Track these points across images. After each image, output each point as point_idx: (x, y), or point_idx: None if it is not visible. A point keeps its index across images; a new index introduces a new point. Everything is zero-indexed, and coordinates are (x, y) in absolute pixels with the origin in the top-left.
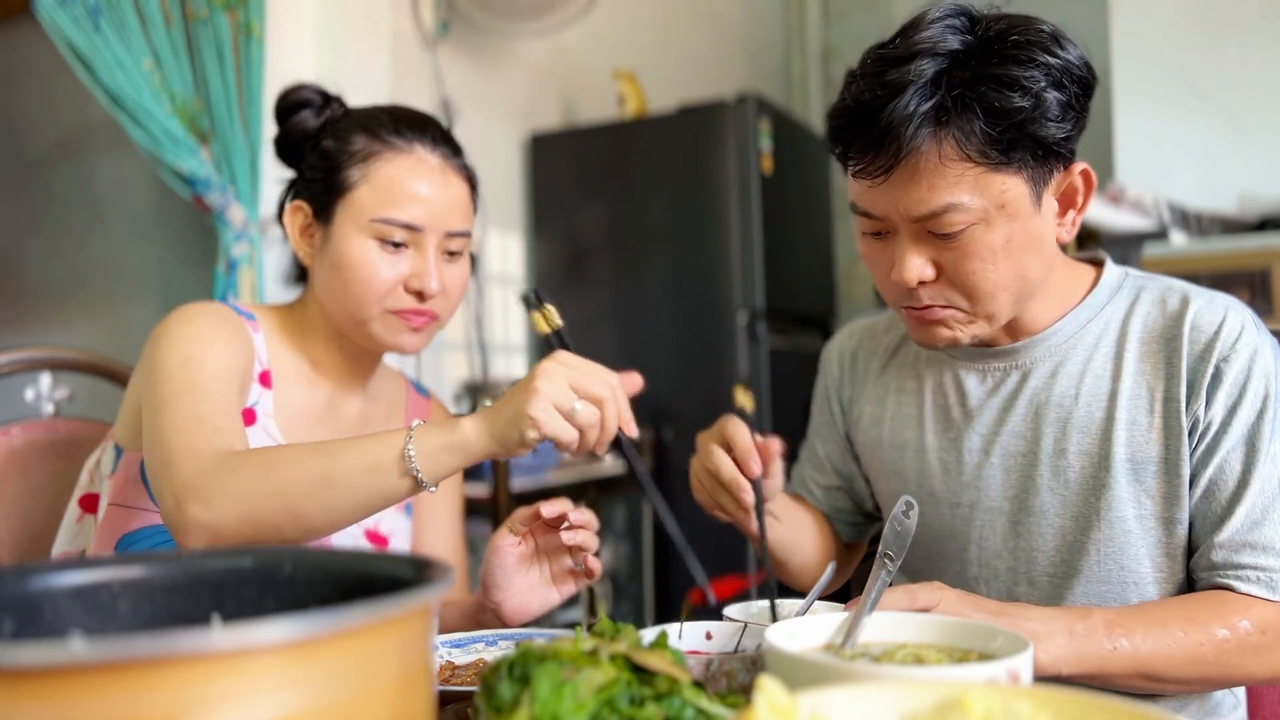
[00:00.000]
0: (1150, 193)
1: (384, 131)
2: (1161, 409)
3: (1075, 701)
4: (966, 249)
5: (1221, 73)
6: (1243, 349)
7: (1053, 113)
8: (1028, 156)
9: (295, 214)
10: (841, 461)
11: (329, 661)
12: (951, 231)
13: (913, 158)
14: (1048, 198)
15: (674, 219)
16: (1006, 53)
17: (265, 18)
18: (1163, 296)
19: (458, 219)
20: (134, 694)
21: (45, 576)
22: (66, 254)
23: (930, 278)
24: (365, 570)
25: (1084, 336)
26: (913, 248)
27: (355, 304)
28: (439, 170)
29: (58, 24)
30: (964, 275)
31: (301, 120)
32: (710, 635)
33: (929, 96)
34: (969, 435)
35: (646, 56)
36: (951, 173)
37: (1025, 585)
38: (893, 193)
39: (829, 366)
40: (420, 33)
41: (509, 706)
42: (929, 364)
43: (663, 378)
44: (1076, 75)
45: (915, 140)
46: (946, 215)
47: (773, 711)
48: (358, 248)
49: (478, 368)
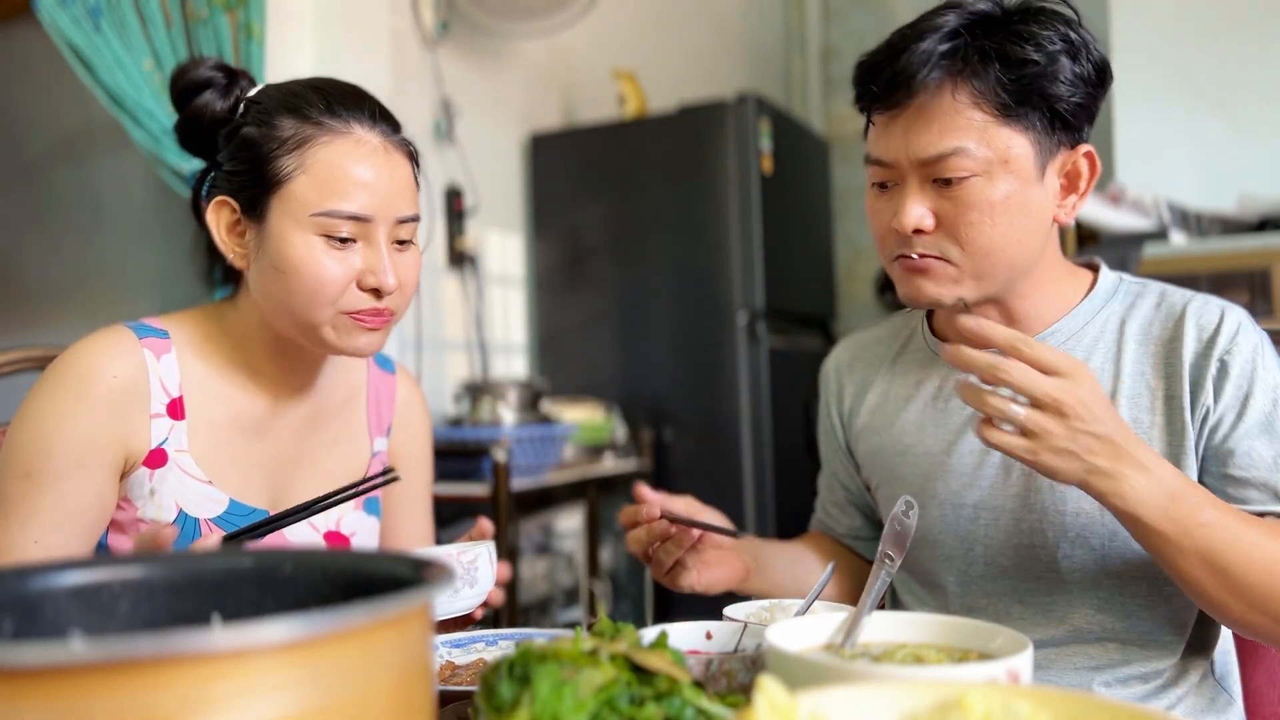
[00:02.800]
0: (1150, 193)
1: (314, 112)
2: (1163, 407)
3: (1075, 701)
4: (967, 199)
5: (1221, 73)
6: (1243, 343)
7: (1065, 76)
8: (1036, 118)
9: (219, 211)
10: (847, 476)
11: (329, 661)
12: (955, 177)
13: (926, 97)
14: (1051, 172)
15: (674, 219)
16: (1029, 14)
17: (265, 18)
18: (1157, 302)
19: (406, 203)
20: (134, 694)
21: (45, 576)
22: (67, 254)
23: (929, 227)
24: (365, 570)
25: (1082, 338)
26: (916, 194)
27: (304, 308)
28: (382, 150)
29: (58, 24)
30: (961, 226)
31: (206, 103)
32: (710, 635)
33: (949, 40)
34: (969, 437)
35: (646, 56)
36: (962, 118)
37: (1031, 582)
38: (904, 134)
39: (827, 383)
40: (420, 33)
41: (509, 706)
42: (928, 368)
43: (663, 378)
44: (1093, 58)
45: (930, 79)
46: (953, 159)
47: (773, 711)
48: (300, 246)
49: (478, 368)
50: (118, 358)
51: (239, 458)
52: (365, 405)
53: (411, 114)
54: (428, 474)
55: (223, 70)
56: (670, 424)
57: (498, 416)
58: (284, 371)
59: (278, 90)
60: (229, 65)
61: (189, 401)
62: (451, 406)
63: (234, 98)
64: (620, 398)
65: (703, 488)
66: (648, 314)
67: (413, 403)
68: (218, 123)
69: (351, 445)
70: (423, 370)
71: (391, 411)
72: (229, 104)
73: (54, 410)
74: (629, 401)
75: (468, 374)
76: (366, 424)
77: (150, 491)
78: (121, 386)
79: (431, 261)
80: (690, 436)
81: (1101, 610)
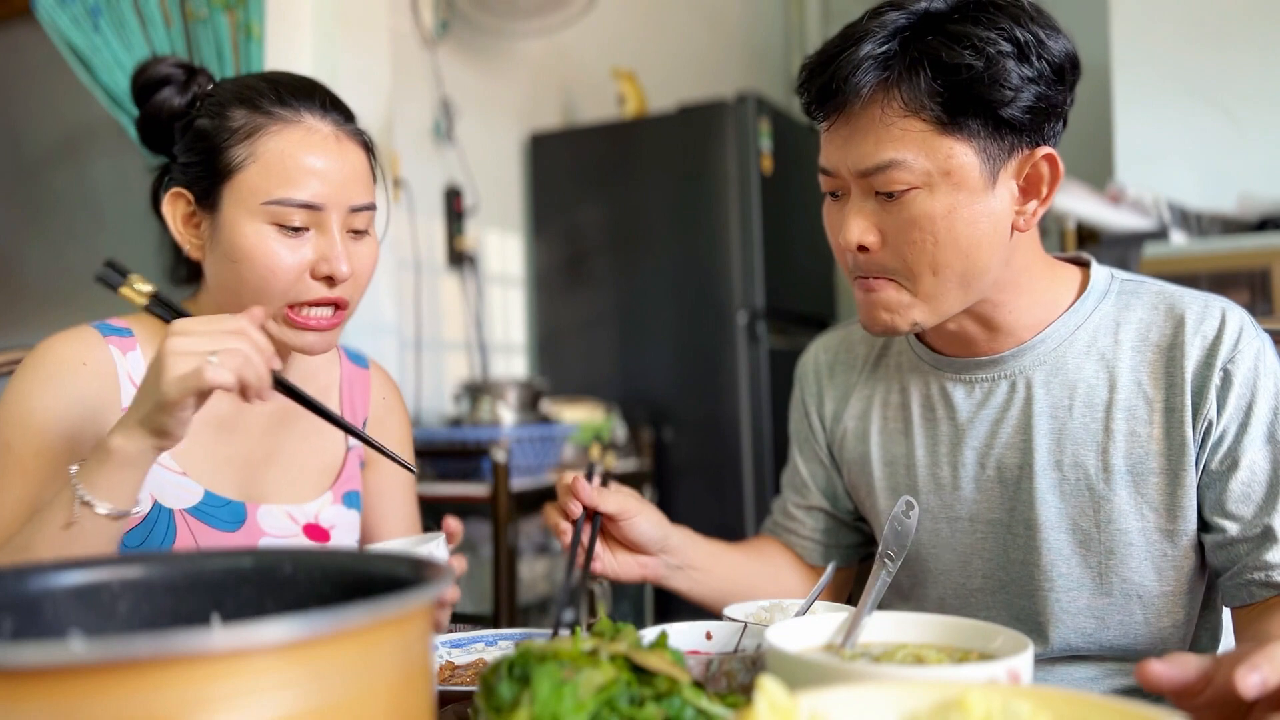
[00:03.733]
0: (1150, 193)
1: (265, 102)
2: (1162, 419)
3: (1075, 701)
4: (908, 214)
5: (1221, 73)
6: (1246, 350)
7: (1009, 81)
8: (979, 126)
9: (175, 203)
10: (825, 480)
11: (329, 661)
12: (894, 191)
13: (861, 106)
14: (1005, 178)
15: (674, 219)
16: (970, 13)
17: (265, 18)
18: (1154, 303)
19: (359, 191)
20: (134, 694)
21: (45, 576)
22: (66, 254)
23: (873, 243)
24: (365, 570)
25: (1073, 344)
26: (859, 208)
27: (254, 298)
28: (333, 139)
29: (57, 24)
30: (904, 245)
31: (165, 99)
32: (710, 635)
33: (884, 43)
34: (963, 449)
35: (646, 56)
36: (897, 128)
37: (1026, 599)
38: (843, 145)
39: (805, 382)
40: (420, 32)
41: (509, 706)
42: (913, 375)
43: (662, 378)
44: (1052, 59)
45: (863, 87)
46: (889, 172)
47: (773, 711)
48: (252, 235)
49: (477, 368)
50: (87, 349)
51: (210, 452)
52: (339, 400)
53: (411, 114)
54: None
55: (182, 67)
56: (670, 424)
57: (497, 416)
58: None
59: (231, 83)
60: (189, 63)
61: None
62: (451, 406)
63: (191, 94)
64: (620, 398)
65: (703, 488)
66: (648, 314)
67: (388, 397)
68: (175, 118)
69: (325, 440)
70: (422, 370)
71: (366, 405)
72: (186, 100)
73: (31, 391)
74: (629, 401)
75: (467, 374)
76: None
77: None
78: (93, 374)
79: (431, 261)
80: (690, 436)
81: (1097, 629)
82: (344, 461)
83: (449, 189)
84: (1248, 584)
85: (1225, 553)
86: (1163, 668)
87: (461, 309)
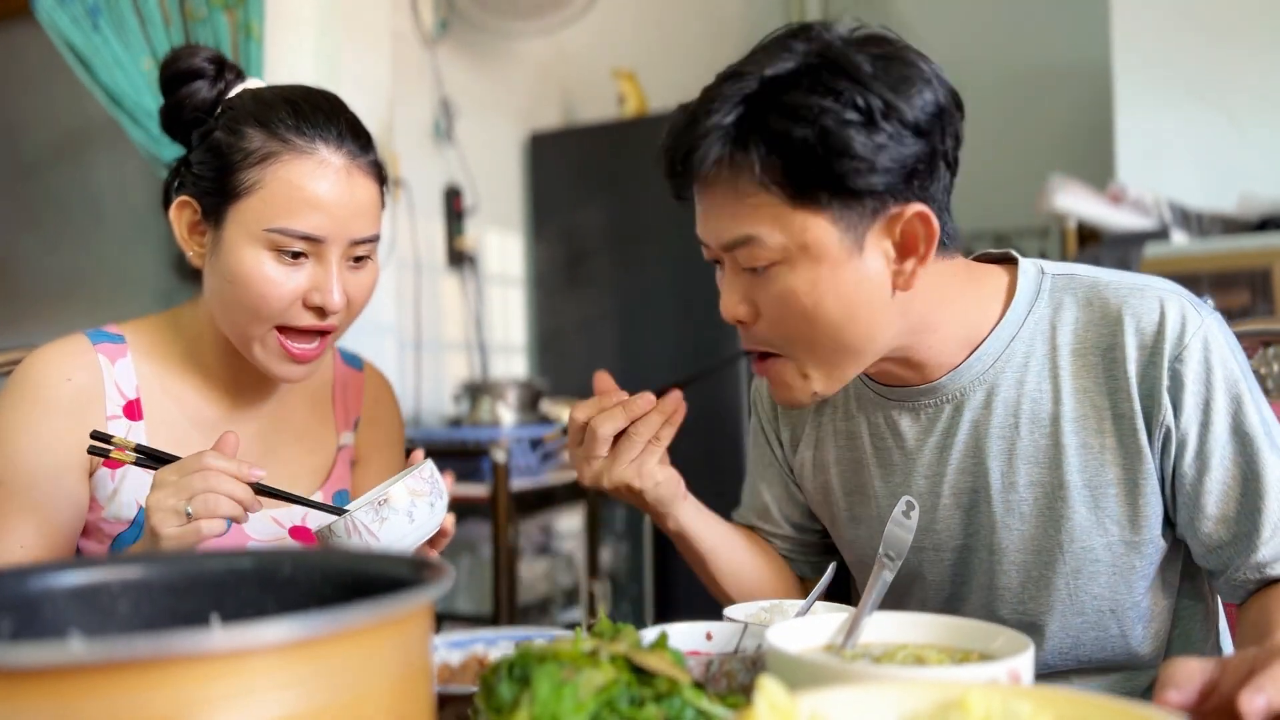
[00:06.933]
0: (1150, 193)
1: (283, 128)
2: (1113, 427)
3: (1075, 701)
4: (775, 290)
5: (1221, 73)
6: (1192, 342)
7: (852, 151)
8: (829, 198)
9: (182, 210)
10: (789, 505)
11: (329, 661)
12: (756, 267)
13: (712, 179)
14: (875, 240)
15: (674, 219)
16: (810, 79)
17: (265, 18)
18: (1088, 299)
19: (364, 225)
20: (134, 694)
21: (45, 576)
22: (66, 254)
23: (747, 316)
24: (365, 570)
25: (1011, 357)
26: (731, 282)
27: (244, 320)
28: (343, 172)
29: (57, 24)
30: (777, 322)
31: (194, 91)
32: (710, 635)
33: (727, 115)
34: (914, 478)
35: (646, 56)
36: (749, 203)
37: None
38: (704, 217)
39: (761, 407)
40: (420, 32)
41: (509, 707)
42: (860, 406)
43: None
44: (910, 120)
45: (709, 160)
46: (747, 248)
47: (773, 712)
48: (249, 259)
49: (477, 368)
50: (71, 361)
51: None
52: (331, 401)
53: (411, 114)
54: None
55: (214, 62)
56: None
57: (497, 416)
58: (238, 373)
59: (252, 98)
60: (220, 56)
61: (146, 403)
62: (451, 406)
63: (218, 91)
64: None
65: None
66: (648, 314)
67: (382, 398)
68: (199, 111)
69: (316, 440)
70: (422, 370)
71: (359, 406)
72: (213, 95)
73: (17, 420)
74: None
75: (467, 374)
76: (333, 418)
77: (113, 491)
78: (76, 389)
79: (431, 261)
80: (690, 436)
81: (1073, 647)
82: (334, 462)
83: (449, 189)
84: (1244, 583)
85: (1216, 556)
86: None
87: (461, 309)
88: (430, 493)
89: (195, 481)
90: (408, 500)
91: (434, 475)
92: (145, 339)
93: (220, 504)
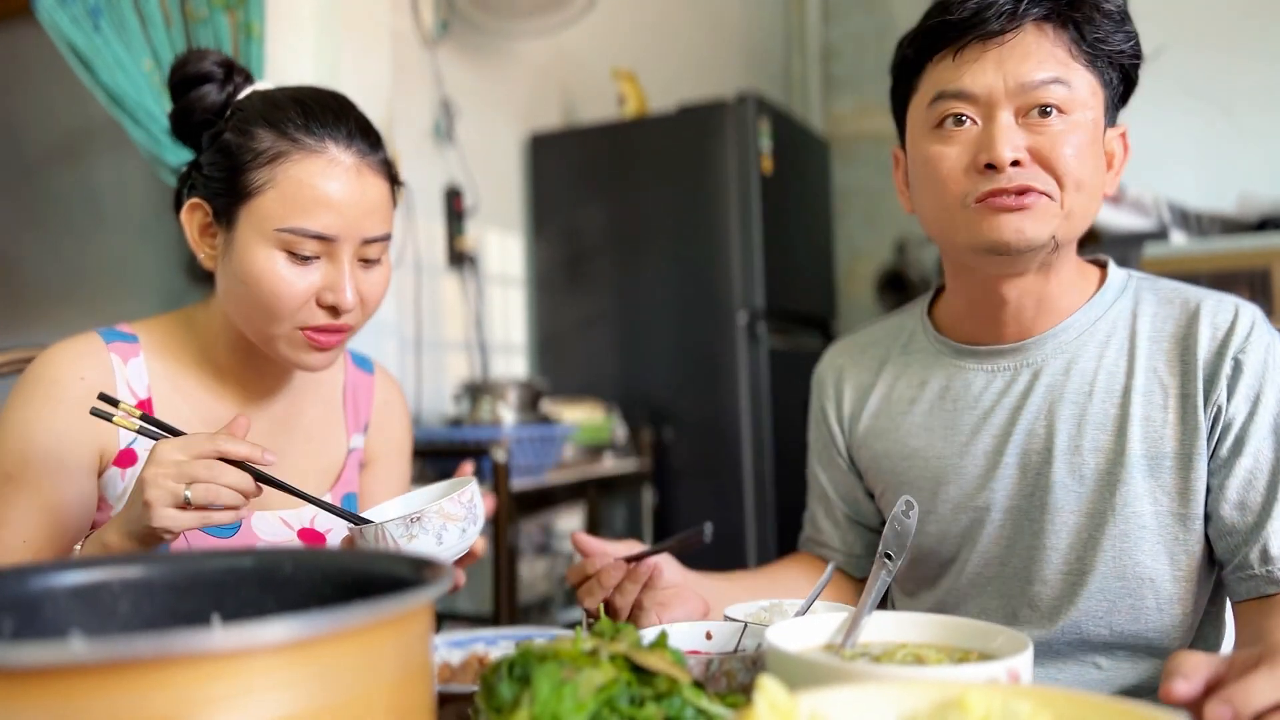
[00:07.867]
0: (1150, 193)
1: (292, 128)
2: (1177, 404)
3: (1075, 701)
4: (1063, 131)
5: (1221, 72)
6: (1257, 342)
7: (1130, 31)
8: (1110, 74)
9: (193, 213)
10: (846, 486)
11: (329, 661)
12: (1051, 104)
13: (1025, 32)
14: (1112, 134)
15: (674, 219)
16: None
17: (265, 18)
18: (1170, 298)
19: (375, 223)
20: (134, 694)
21: (45, 576)
22: (66, 254)
23: (1025, 159)
24: (365, 570)
25: (1094, 334)
26: (1010, 125)
27: (262, 320)
28: (354, 171)
29: (58, 24)
30: (1057, 159)
31: (203, 95)
32: (710, 635)
33: None
34: (981, 437)
35: (646, 56)
36: (1060, 54)
37: (1038, 584)
38: (999, 65)
39: (823, 388)
40: (420, 33)
41: (509, 706)
42: (932, 367)
43: (662, 378)
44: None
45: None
46: (1055, 87)
47: (773, 711)
48: (263, 259)
49: (477, 368)
50: (84, 360)
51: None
52: (342, 403)
53: (411, 114)
54: (406, 471)
55: (223, 66)
56: (670, 424)
57: (497, 416)
58: (250, 373)
59: (261, 99)
60: (230, 60)
61: (157, 402)
62: (451, 406)
63: (227, 94)
64: (620, 398)
65: (703, 488)
66: (648, 314)
67: (391, 402)
68: (208, 115)
69: (326, 442)
70: (423, 370)
71: (369, 409)
72: (222, 98)
73: (29, 415)
74: (629, 401)
75: (467, 374)
76: (343, 421)
77: (123, 491)
78: (90, 388)
79: (432, 261)
80: (690, 436)
81: (1108, 613)
82: (344, 464)
83: (449, 189)
84: (1250, 578)
85: (1226, 542)
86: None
87: (462, 309)
88: (464, 518)
89: (199, 470)
90: (439, 523)
91: (474, 500)
92: (158, 338)
93: (221, 494)
